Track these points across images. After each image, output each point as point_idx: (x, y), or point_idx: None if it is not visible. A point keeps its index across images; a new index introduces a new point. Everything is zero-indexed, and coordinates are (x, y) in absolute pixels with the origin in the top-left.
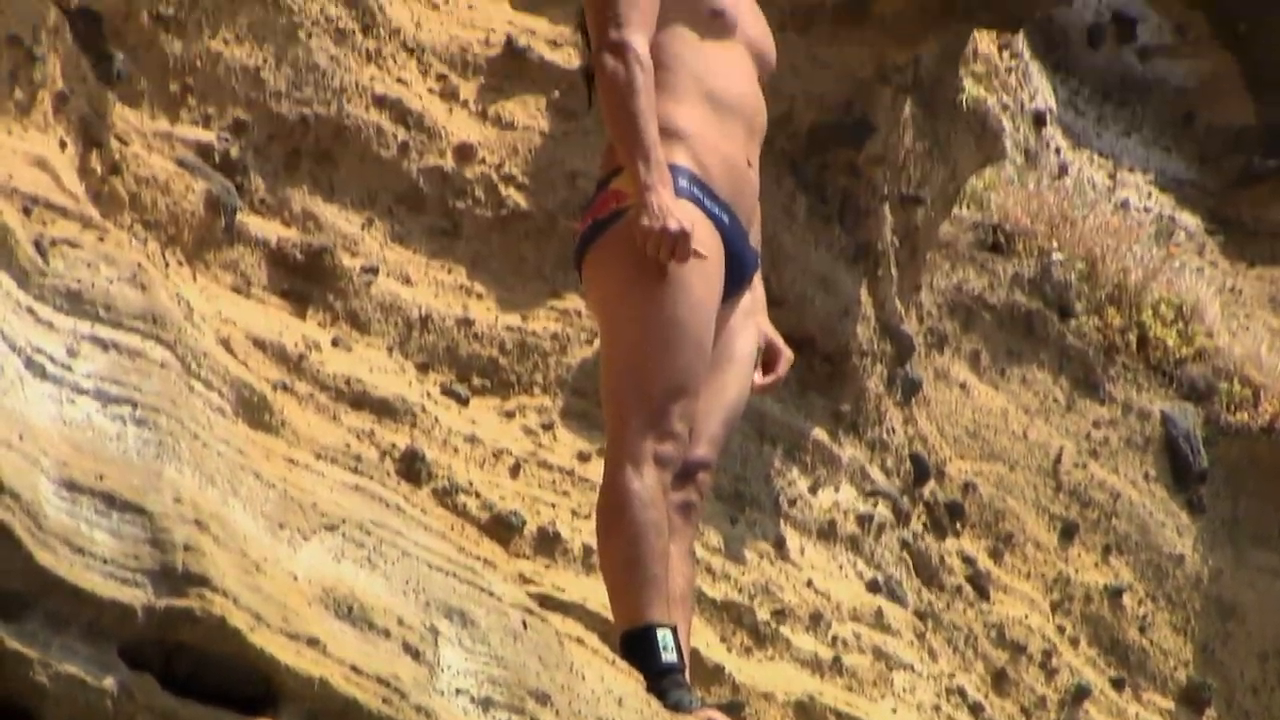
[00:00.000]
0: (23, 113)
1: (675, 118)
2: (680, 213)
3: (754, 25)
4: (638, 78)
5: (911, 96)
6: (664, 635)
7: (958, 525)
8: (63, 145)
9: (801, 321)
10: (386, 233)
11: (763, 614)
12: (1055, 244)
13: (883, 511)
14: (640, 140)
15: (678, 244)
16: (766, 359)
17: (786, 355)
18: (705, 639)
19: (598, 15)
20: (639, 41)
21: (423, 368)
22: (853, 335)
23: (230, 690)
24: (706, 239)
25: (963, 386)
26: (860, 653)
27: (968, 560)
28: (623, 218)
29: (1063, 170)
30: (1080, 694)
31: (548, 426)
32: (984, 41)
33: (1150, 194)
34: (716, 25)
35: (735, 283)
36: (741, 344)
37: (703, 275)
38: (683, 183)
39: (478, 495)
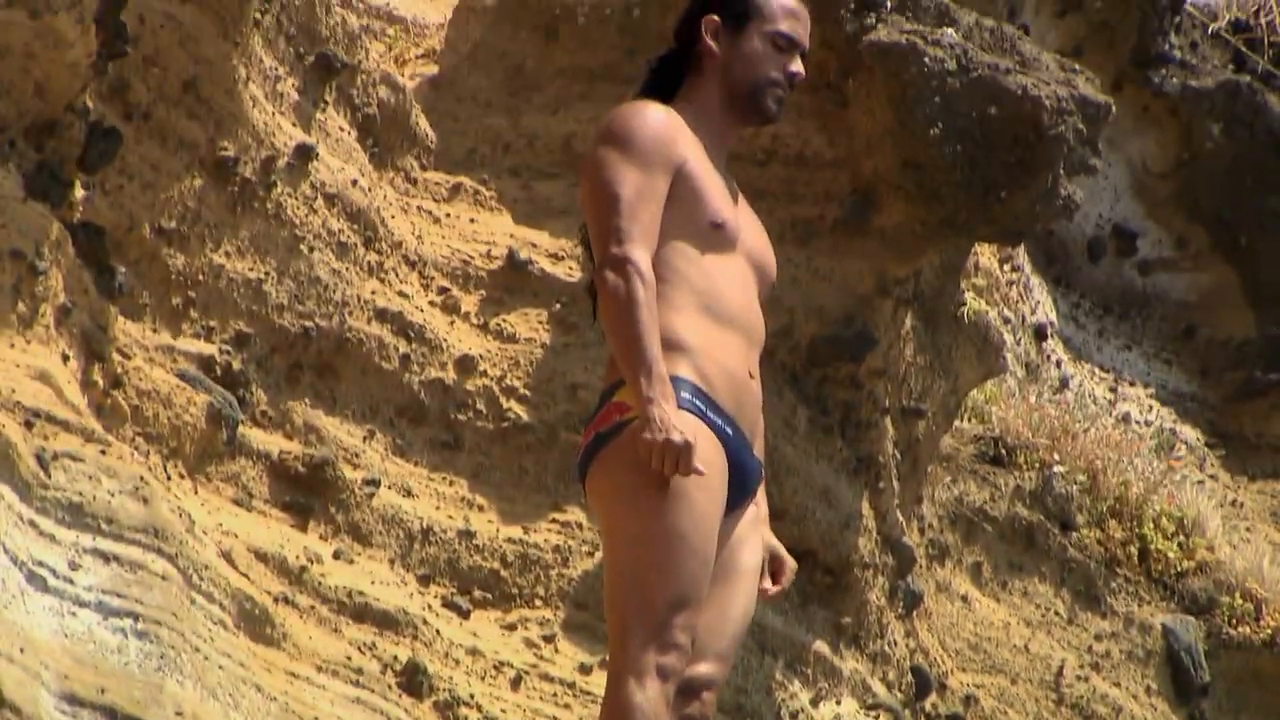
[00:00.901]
0: (25, 326)
1: (676, 329)
2: (683, 425)
3: (754, 238)
4: (639, 293)
5: (912, 309)
6: None
7: None
8: (65, 358)
9: (803, 534)
10: (388, 445)
11: None
12: (1056, 457)
13: None
14: (642, 355)
15: (681, 457)
16: (771, 569)
17: (790, 566)
18: None
19: (599, 230)
20: (640, 256)
21: (424, 580)
22: (854, 548)
23: None
24: (709, 451)
25: (964, 599)
26: None
27: None
28: (626, 429)
29: (1064, 384)
30: None
31: (549, 639)
32: (985, 255)
33: (1151, 407)
34: (717, 238)
35: (739, 495)
36: (746, 556)
37: (706, 487)
38: (685, 394)
39: (479, 708)
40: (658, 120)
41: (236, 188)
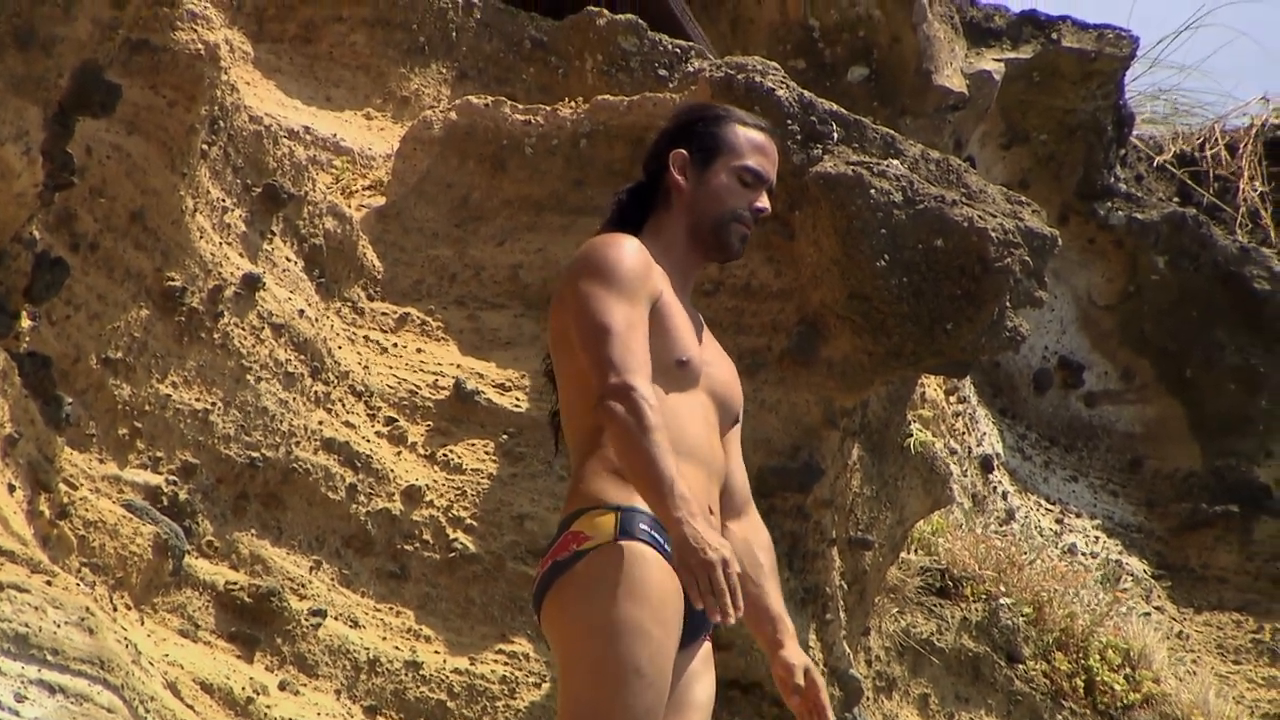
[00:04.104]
0: None
1: None
2: (714, 539)
3: (721, 372)
4: (647, 416)
5: (859, 441)
6: None
7: None
8: (11, 489)
9: (749, 665)
10: (335, 575)
11: None
12: (1003, 589)
13: None
14: (661, 477)
15: (717, 572)
16: (806, 690)
17: (818, 683)
18: None
19: (595, 364)
20: (641, 382)
21: (370, 711)
22: None
23: None
24: (666, 585)
25: None
26: None
27: None
28: (583, 559)
29: (1010, 515)
30: None
31: None
32: (931, 386)
33: (1097, 539)
34: (680, 375)
35: (695, 630)
36: (699, 691)
37: (661, 622)
38: (644, 526)
39: None
40: (635, 252)
41: (183, 318)
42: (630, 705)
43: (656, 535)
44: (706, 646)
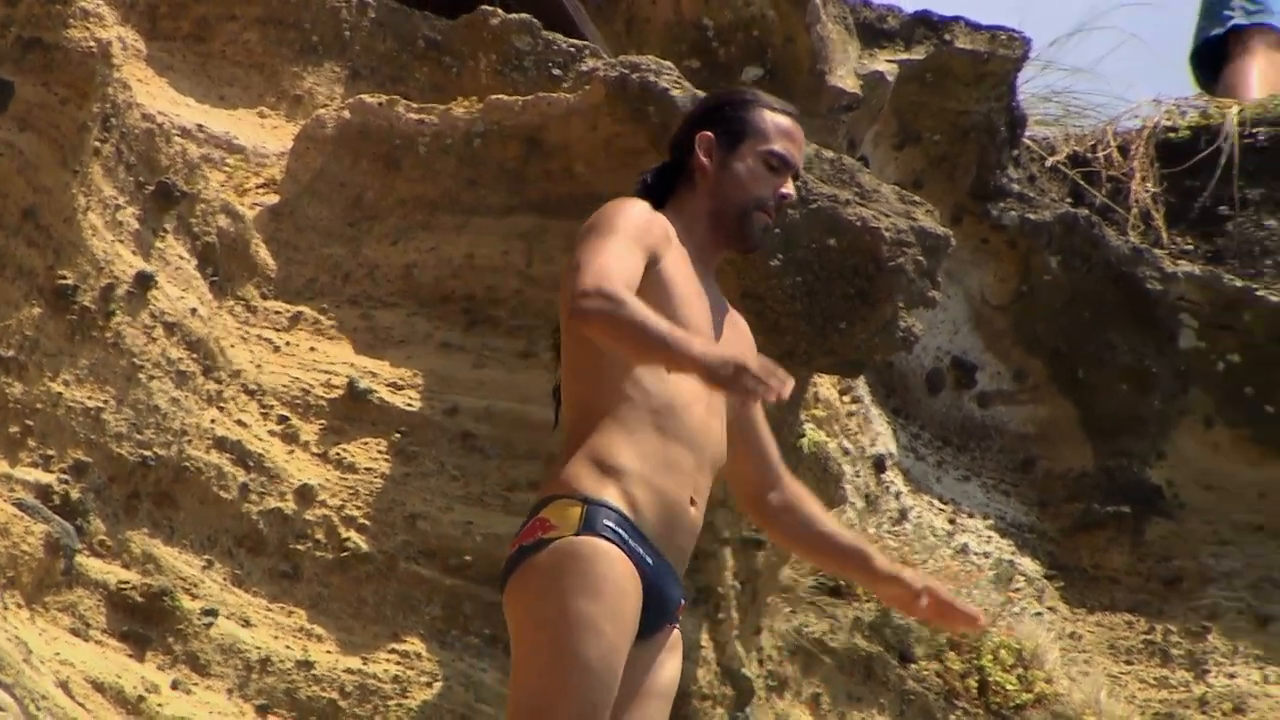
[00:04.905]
0: None
1: (617, 451)
2: (723, 351)
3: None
4: (622, 300)
5: None
6: None
7: None
8: None
9: None
10: (226, 575)
11: None
12: None
13: None
14: (658, 340)
15: (745, 370)
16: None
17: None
18: None
19: (570, 279)
20: (613, 281)
21: (262, 710)
22: (693, 679)
23: None
24: (625, 580)
25: None
26: None
27: None
28: (545, 548)
29: (903, 515)
30: None
31: None
32: (824, 386)
33: (990, 539)
34: None
35: (655, 623)
36: (662, 678)
37: (615, 619)
38: (607, 522)
39: None
40: (641, 210)
41: (75, 316)
42: (577, 700)
43: (621, 531)
44: (675, 634)
